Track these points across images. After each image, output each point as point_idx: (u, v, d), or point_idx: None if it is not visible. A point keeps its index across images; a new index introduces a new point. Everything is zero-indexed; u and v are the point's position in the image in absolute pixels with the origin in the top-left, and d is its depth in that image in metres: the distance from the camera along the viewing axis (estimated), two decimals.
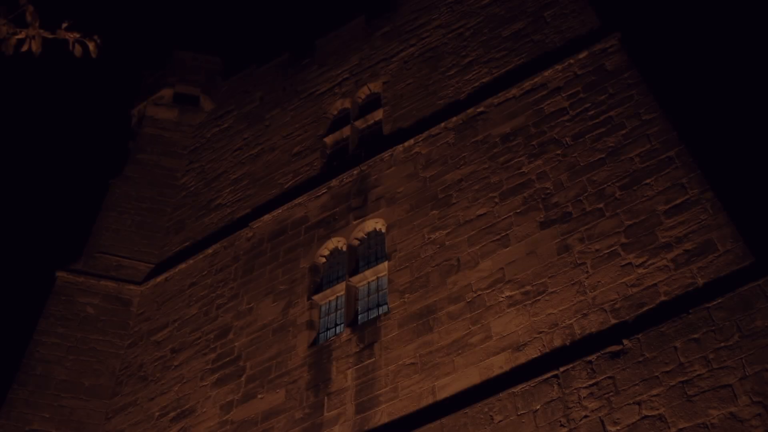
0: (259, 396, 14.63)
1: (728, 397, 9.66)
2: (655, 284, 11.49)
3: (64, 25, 6.54)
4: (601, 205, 13.10)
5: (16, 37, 6.40)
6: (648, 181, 12.85)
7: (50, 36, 6.46)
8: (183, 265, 19.25)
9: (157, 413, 15.94)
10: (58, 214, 42.49)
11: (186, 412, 15.45)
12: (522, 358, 12.04)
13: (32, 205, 42.01)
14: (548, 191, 14.03)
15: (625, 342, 10.92)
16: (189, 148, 23.84)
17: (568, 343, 11.74)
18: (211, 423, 14.84)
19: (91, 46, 6.56)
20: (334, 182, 17.99)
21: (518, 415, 11.20)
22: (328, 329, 15.31)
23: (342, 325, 15.08)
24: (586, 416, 10.59)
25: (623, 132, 13.87)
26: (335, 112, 21.08)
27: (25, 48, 6.44)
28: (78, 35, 6.54)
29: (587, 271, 12.37)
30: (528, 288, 12.84)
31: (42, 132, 44.76)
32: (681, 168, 12.64)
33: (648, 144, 13.38)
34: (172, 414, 15.65)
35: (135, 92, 26.46)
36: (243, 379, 15.20)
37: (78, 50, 6.57)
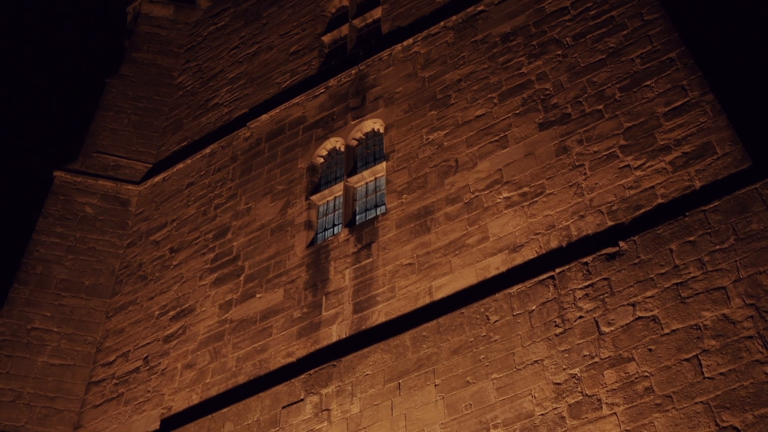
0: (258, 295, 14.77)
1: (721, 300, 9.76)
2: (653, 187, 11.49)
3: None
4: (600, 107, 13.01)
5: None
6: (648, 82, 12.74)
7: None
8: (180, 165, 19.24)
9: (157, 312, 16.12)
10: (55, 113, 42.24)
11: (185, 311, 15.63)
12: (518, 259, 12.12)
13: (29, 105, 41.74)
14: (548, 92, 13.92)
15: (621, 244, 10.98)
16: (185, 46, 23.58)
17: (564, 245, 11.81)
18: (210, 322, 15.02)
19: None
20: (332, 82, 17.84)
21: (514, 315, 11.33)
22: (326, 229, 15.37)
23: (340, 225, 15.14)
24: (580, 317, 10.71)
25: (624, 32, 13.68)
26: (333, 11, 20.77)
27: None
28: None
29: (585, 173, 12.36)
30: (526, 189, 12.85)
31: (37, 29, 44.19)
32: (682, 70, 12.51)
33: (649, 45, 13.21)
34: (172, 313, 15.84)
35: None
36: (242, 278, 15.32)
37: None
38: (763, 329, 9.26)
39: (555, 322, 10.89)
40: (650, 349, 9.90)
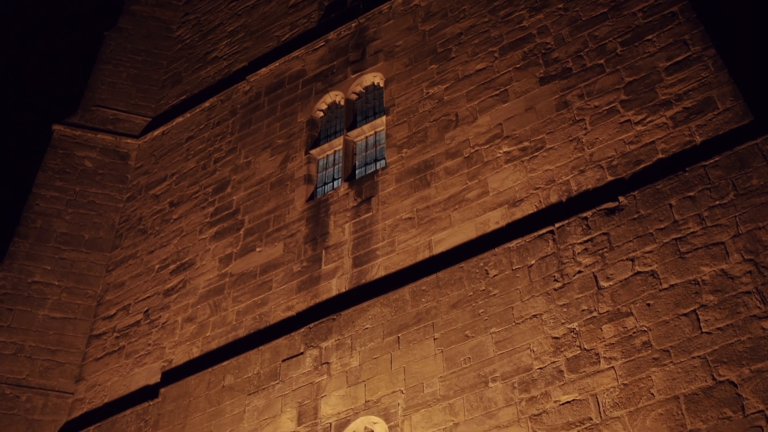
0: (258, 249, 14.79)
1: (720, 255, 9.77)
2: (653, 141, 11.46)
3: None
4: (601, 61, 12.94)
5: None
6: (650, 36, 12.65)
7: None
8: (180, 119, 19.18)
9: (157, 266, 16.16)
10: (53, 67, 41.96)
11: (186, 265, 15.67)
12: (518, 213, 12.12)
13: (27, 59, 41.46)
14: (549, 46, 13.83)
15: (621, 199, 10.98)
16: None
17: (564, 200, 11.81)
18: (210, 275, 15.07)
19: None
20: (331, 35, 17.71)
21: (513, 269, 11.36)
22: (325, 184, 15.36)
23: (339, 179, 15.13)
24: (579, 272, 10.74)
25: None
26: None
27: None
28: None
29: (585, 128, 12.32)
30: (526, 144, 12.82)
31: None
32: (684, 24, 12.41)
33: None
34: (172, 266, 15.88)
35: None
36: (241, 232, 15.34)
37: None
38: (762, 284, 9.29)
39: (554, 276, 10.93)
40: (648, 304, 9.94)
